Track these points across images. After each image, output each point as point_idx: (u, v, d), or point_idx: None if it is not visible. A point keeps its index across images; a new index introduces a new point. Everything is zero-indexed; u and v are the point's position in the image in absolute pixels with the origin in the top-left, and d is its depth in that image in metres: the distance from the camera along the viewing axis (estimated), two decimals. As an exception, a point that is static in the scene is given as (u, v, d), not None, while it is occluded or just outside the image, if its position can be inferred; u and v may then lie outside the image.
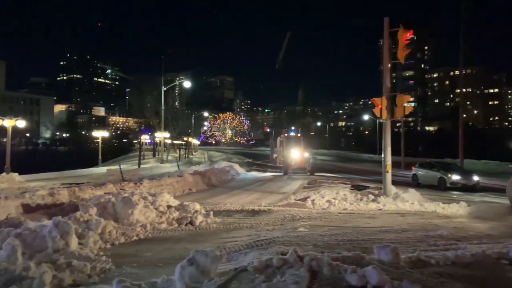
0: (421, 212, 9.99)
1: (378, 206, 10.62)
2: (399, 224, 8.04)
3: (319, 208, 10.37)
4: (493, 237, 6.84)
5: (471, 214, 9.64)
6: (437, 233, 6.90)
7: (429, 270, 4.70)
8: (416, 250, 5.75)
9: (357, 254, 5.07)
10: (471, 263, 5.13)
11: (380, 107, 11.97)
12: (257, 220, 8.73)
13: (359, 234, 6.85)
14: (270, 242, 6.18)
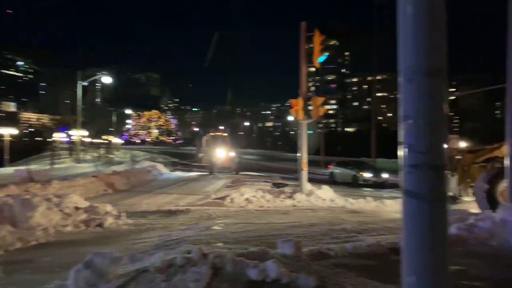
0: (332, 207, 10.57)
1: (293, 203, 11.03)
2: (309, 219, 8.42)
3: (237, 206, 10.48)
4: (391, 229, 7.45)
5: (376, 208, 10.42)
6: (341, 227, 7.34)
7: (327, 262, 4.98)
8: (319, 243, 6.06)
9: (262, 249, 5.21)
10: (366, 253, 5.53)
11: (296, 108, 12.44)
12: (172, 220, 8.58)
13: (270, 230, 7.04)
14: (180, 241, 6.10)
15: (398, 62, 2.31)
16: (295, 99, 12.55)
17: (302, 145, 12.80)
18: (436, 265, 2.19)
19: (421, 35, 2.17)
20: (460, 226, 6.66)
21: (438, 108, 2.19)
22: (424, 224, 2.19)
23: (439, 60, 2.18)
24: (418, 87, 2.20)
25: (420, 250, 2.20)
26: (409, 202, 2.24)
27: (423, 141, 2.18)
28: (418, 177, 2.19)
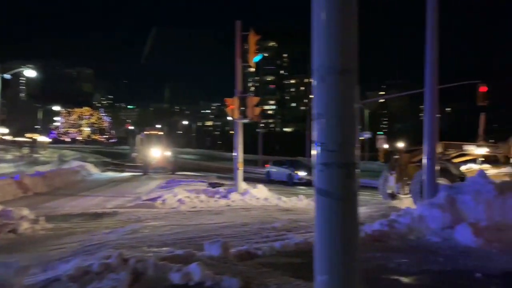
0: (266, 206, 10.65)
1: (227, 203, 10.94)
2: (242, 218, 8.38)
3: (169, 207, 10.17)
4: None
5: (308, 206, 10.67)
6: (272, 225, 7.39)
7: (255, 262, 4.95)
8: (249, 243, 6.02)
9: (188, 252, 5.04)
10: (294, 251, 5.60)
11: (232, 107, 12.37)
12: (97, 223, 8.08)
13: (200, 231, 6.88)
14: (101, 246, 5.73)
15: (311, 61, 2.30)
16: (230, 98, 12.47)
17: (237, 144, 12.76)
18: (347, 264, 2.19)
19: (333, 37, 2.18)
20: (383, 222, 7.00)
21: (348, 107, 2.20)
22: (335, 222, 2.19)
23: (350, 61, 2.20)
24: (330, 86, 2.19)
25: (331, 248, 2.20)
26: (321, 200, 2.24)
27: (334, 139, 2.18)
28: (329, 175, 2.18)
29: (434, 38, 7.85)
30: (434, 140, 7.81)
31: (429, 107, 7.71)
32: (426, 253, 5.61)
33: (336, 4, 2.18)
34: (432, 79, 7.74)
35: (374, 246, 5.94)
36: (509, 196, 6.75)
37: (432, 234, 6.62)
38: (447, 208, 6.84)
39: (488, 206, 6.73)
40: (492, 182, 6.97)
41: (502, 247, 5.93)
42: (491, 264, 5.14)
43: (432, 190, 7.59)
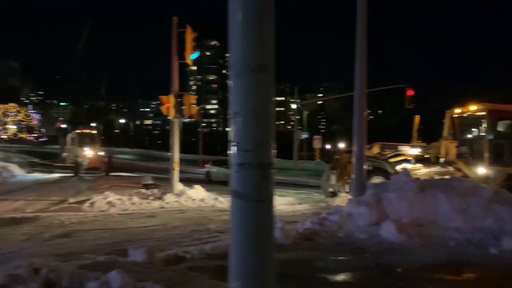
0: (201, 207, 10.45)
1: (161, 204, 10.59)
2: (175, 221, 8.12)
3: (98, 210, 9.59)
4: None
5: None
6: (206, 227, 7.23)
7: (182, 266, 4.77)
8: (179, 246, 5.82)
9: (110, 258, 4.74)
10: (225, 253, 5.50)
11: (167, 105, 12.01)
12: (13, 230, 7.37)
13: (128, 235, 6.55)
14: (13, 256, 5.21)
15: (229, 58, 2.21)
16: (166, 96, 12.09)
17: (173, 144, 12.42)
18: (262, 269, 2.12)
19: (248, 34, 2.11)
20: (314, 221, 7.13)
21: (264, 105, 2.13)
22: (250, 226, 2.11)
23: (266, 57, 2.13)
24: (245, 83, 2.11)
25: (246, 253, 2.11)
26: (236, 202, 2.14)
27: (250, 139, 2.10)
28: (244, 177, 2.10)
29: (364, 45, 8.17)
30: (362, 140, 8.13)
31: (358, 110, 8.01)
32: (353, 250, 5.78)
33: (251, 2, 2.10)
34: (361, 83, 8.05)
35: (304, 244, 6.02)
36: (429, 194, 7.19)
37: (359, 231, 6.86)
38: (373, 205, 7.13)
39: (410, 203, 7.12)
40: (414, 181, 7.38)
41: (422, 242, 6.29)
42: (412, 258, 5.41)
43: (360, 188, 7.89)
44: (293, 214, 9.32)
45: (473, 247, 6.08)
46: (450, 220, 6.96)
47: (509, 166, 11.43)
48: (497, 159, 11.47)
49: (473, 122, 12.50)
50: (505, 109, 11.90)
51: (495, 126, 11.81)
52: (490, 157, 11.33)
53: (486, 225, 6.86)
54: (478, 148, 11.87)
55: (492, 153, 11.40)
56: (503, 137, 11.72)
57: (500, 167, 11.37)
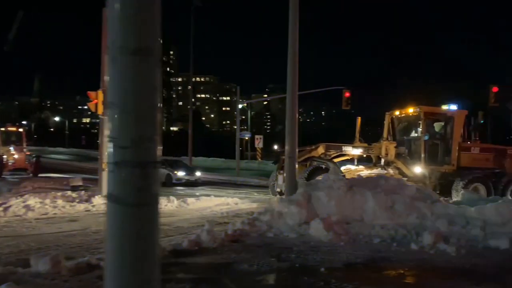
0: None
1: (87, 207, 9.88)
2: (97, 225, 7.55)
3: (12, 215, 8.71)
4: (181, 229, 7.30)
5: (177, 208, 10.25)
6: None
7: (93, 275, 4.35)
8: (94, 253, 5.36)
9: (7, 270, 4.21)
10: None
11: (96, 101, 11.26)
12: None
13: (38, 242, 5.94)
14: None
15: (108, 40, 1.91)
16: (94, 92, 11.33)
17: (102, 142, 11.68)
18: (139, 284, 1.84)
19: (125, 12, 1.81)
20: (244, 221, 6.96)
21: (147, 95, 1.86)
22: (126, 234, 1.82)
23: (147, 39, 1.85)
24: (122, 68, 1.82)
25: (123, 265, 1.82)
26: (112, 207, 1.85)
27: (128, 133, 1.81)
28: (120, 177, 1.81)
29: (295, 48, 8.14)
30: (294, 140, 8.11)
31: (290, 110, 7.99)
32: (281, 250, 5.68)
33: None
34: (292, 85, 8.03)
35: (231, 247, 5.82)
36: (357, 192, 7.32)
37: (289, 230, 6.80)
38: (303, 204, 7.12)
39: (338, 201, 7.20)
40: (343, 179, 7.47)
41: (348, 240, 6.35)
42: (337, 257, 5.41)
43: (292, 187, 7.85)
44: (227, 215, 9.11)
45: (396, 243, 6.23)
46: (376, 217, 7.13)
47: (443, 165, 12.13)
48: (432, 159, 12.08)
49: (410, 123, 13.09)
50: (439, 111, 12.57)
51: (430, 127, 12.46)
52: (426, 157, 11.90)
53: (409, 221, 7.12)
54: (415, 148, 12.45)
55: (427, 153, 11.99)
56: (437, 138, 12.40)
57: (434, 166, 12.03)
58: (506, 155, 12.91)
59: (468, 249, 6.05)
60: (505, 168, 12.60)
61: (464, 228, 6.72)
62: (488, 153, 12.70)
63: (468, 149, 12.48)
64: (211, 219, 8.42)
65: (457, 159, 12.20)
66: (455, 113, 12.43)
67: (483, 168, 12.21)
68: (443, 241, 6.18)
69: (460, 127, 12.35)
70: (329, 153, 12.05)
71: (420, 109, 12.13)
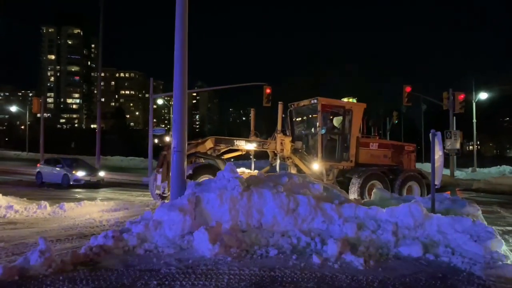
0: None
1: None
2: None
3: None
4: (25, 246, 5.49)
5: (48, 216, 8.28)
6: None
7: None
8: None
9: None
10: None
11: None
12: None
13: None
14: None
15: None
16: None
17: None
18: None
19: None
20: (108, 234, 5.33)
21: None
22: None
23: None
24: None
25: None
26: None
27: None
28: None
29: (184, 40, 6.70)
30: (183, 132, 6.64)
31: (178, 99, 6.55)
32: (140, 276, 4.19)
33: None
34: (181, 73, 6.57)
35: (72, 273, 4.18)
36: (255, 192, 6.08)
37: (168, 244, 5.34)
38: (189, 210, 5.70)
39: (233, 204, 5.89)
40: (239, 177, 6.18)
41: (238, 254, 5.06)
42: (214, 282, 4.06)
43: (179, 188, 6.40)
44: (105, 224, 7.39)
45: (296, 256, 5.07)
46: (277, 223, 5.94)
47: (341, 161, 11.37)
48: (330, 155, 11.26)
49: (308, 116, 12.10)
50: (337, 104, 11.72)
51: (328, 120, 11.57)
52: (323, 153, 11.04)
53: (314, 227, 6.04)
54: (312, 144, 11.51)
55: (325, 149, 11.13)
56: (335, 132, 11.58)
57: (333, 163, 11.25)
58: (403, 151, 12.51)
59: (377, 259, 5.10)
60: (403, 165, 12.22)
61: (375, 232, 5.79)
62: (386, 149, 12.16)
63: (366, 145, 11.80)
64: (78, 231, 6.67)
65: (355, 155, 11.48)
66: (354, 106, 11.66)
67: (381, 164, 11.65)
68: (350, 250, 5.16)
69: (358, 121, 11.58)
70: (219, 147, 10.43)
71: (317, 100, 11.12)
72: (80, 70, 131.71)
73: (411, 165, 12.55)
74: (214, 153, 10.24)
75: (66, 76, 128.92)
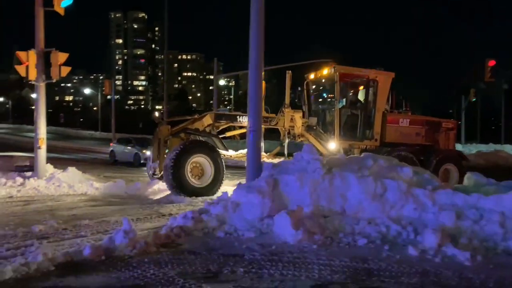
0: (64, 196, 8.17)
1: (10, 192, 8.08)
2: (1, 217, 5.78)
3: None
4: (107, 225, 5.56)
5: (123, 193, 8.50)
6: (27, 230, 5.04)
7: None
8: None
9: None
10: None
11: (26, 63, 9.28)
12: None
13: None
14: None
15: None
16: (24, 52, 9.33)
17: (38, 115, 9.75)
18: None
19: None
20: (187, 215, 5.22)
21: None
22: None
23: None
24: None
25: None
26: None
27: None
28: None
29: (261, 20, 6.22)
30: (258, 110, 6.31)
31: (254, 76, 6.19)
32: (226, 261, 3.98)
33: None
34: (257, 47, 6.17)
35: (157, 255, 4.08)
36: (338, 176, 5.62)
37: (247, 227, 5.10)
38: (268, 192, 5.40)
39: (314, 188, 5.49)
40: (320, 159, 5.75)
41: (323, 241, 4.69)
42: (304, 272, 3.73)
43: (255, 170, 6.12)
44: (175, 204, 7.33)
45: (388, 246, 4.58)
46: (362, 209, 5.46)
47: (363, 140, 9.68)
48: (350, 133, 9.66)
49: (325, 88, 10.61)
50: (360, 73, 9.92)
51: (349, 93, 10.02)
52: (342, 130, 9.49)
53: (404, 214, 5.46)
54: (330, 120, 9.97)
55: (344, 125, 9.57)
56: (357, 106, 9.88)
57: (353, 142, 9.60)
58: (441, 129, 10.67)
59: (484, 253, 4.45)
60: (439, 144, 10.47)
61: (477, 223, 5.09)
62: (419, 126, 10.35)
63: (395, 121, 10.05)
64: (155, 210, 6.70)
65: (381, 133, 9.78)
66: (379, 75, 9.81)
67: (412, 144, 9.95)
68: (451, 242, 4.57)
69: (385, 93, 9.81)
70: (219, 124, 9.29)
71: (334, 69, 9.48)
72: (145, 53, 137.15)
73: (449, 144, 10.74)
74: (214, 130, 9.19)
75: (133, 59, 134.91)
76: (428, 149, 10.04)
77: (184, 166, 7.73)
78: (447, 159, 9.86)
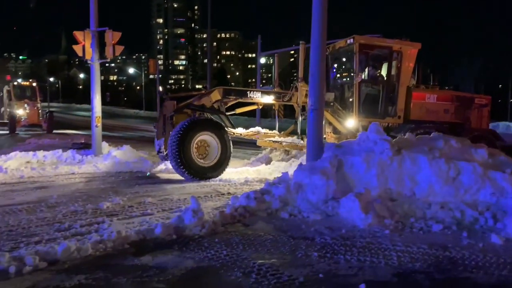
0: (125, 172, 8.38)
1: (72, 169, 8.36)
2: (64, 195, 5.98)
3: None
4: (170, 203, 5.59)
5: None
6: (95, 206, 5.14)
7: None
8: (20, 242, 3.72)
9: None
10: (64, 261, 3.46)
11: (83, 43, 9.44)
12: None
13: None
14: None
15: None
16: (81, 31, 9.48)
17: (94, 94, 9.98)
18: None
19: None
20: (250, 195, 5.13)
21: None
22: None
23: None
24: None
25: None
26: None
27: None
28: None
29: None
30: (321, 88, 6.02)
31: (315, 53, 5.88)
32: (297, 244, 3.85)
33: None
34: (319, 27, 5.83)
35: (226, 235, 4.03)
36: (407, 157, 5.30)
37: (312, 209, 4.95)
38: (332, 174, 5.19)
39: (381, 170, 5.22)
40: (387, 139, 5.44)
41: (395, 226, 4.45)
42: (383, 258, 3.54)
43: (317, 150, 5.90)
44: (231, 183, 7.26)
45: (466, 233, 4.28)
46: (433, 193, 5.14)
47: (385, 117, 8.78)
48: (370, 109, 8.81)
49: (343, 61, 9.65)
50: (382, 44, 8.90)
51: (370, 66, 9.06)
52: (361, 106, 8.65)
53: (480, 199, 5.10)
54: (349, 95, 9.10)
55: (363, 101, 8.73)
56: (379, 81, 8.99)
57: (374, 119, 8.48)
58: (473, 105, 9.59)
59: None
60: (470, 122, 9.47)
61: None
62: (448, 102, 9.33)
63: (421, 97, 9.09)
64: (213, 189, 6.67)
65: (405, 109, 8.91)
66: (404, 47, 8.79)
67: (440, 121, 9.00)
68: (538, 231, 4.19)
69: (410, 66, 8.85)
70: (228, 100, 8.66)
71: (354, 40, 8.59)
72: (185, 33, 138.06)
73: (482, 123, 9.75)
74: (222, 106, 8.60)
75: (173, 38, 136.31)
76: (457, 128, 9.13)
77: (190, 143, 7.38)
78: (478, 138, 8.68)
